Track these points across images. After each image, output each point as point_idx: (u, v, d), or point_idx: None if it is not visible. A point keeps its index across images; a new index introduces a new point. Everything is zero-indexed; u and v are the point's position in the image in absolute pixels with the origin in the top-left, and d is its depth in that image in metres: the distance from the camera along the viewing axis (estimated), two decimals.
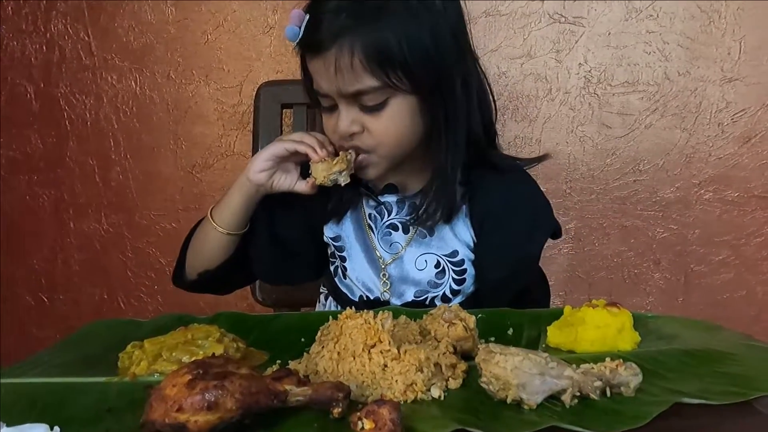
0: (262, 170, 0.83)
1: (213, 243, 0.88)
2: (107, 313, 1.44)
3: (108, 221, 1.44)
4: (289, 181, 0.84)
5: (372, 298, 0.88)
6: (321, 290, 0.98)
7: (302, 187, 0.83)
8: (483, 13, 1.34)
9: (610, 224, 1.40)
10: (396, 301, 0.87)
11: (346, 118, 0.77)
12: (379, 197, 0.87)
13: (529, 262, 0.88)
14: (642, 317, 0.73)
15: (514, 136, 1.38)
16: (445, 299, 0.86)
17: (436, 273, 0.86)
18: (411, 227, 0.86)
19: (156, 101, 1.40)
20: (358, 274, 0.88)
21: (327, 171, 0.79)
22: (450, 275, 0.86)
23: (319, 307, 0.98)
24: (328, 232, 0.90)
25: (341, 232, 0.90)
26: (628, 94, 1.36)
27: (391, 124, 0.77)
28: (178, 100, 1.40)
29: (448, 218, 0.84)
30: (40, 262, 1.46)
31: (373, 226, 0.88)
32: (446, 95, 0.78)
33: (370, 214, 0.88)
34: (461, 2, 0.81)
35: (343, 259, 0.90)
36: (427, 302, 0.86)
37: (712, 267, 1.40)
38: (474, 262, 0.86)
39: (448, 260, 0.86)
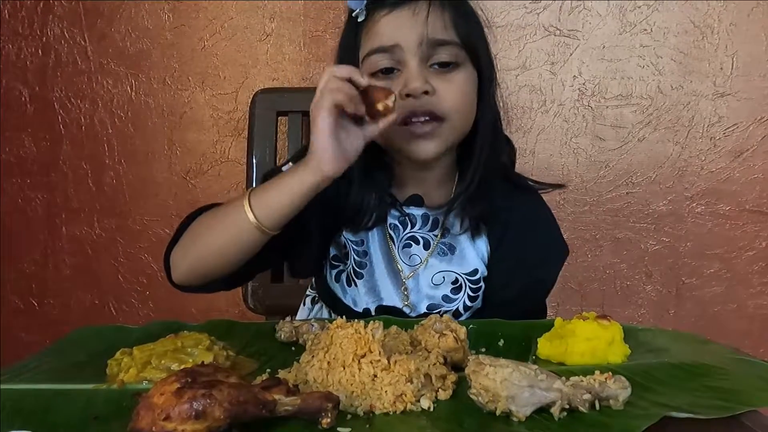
0: (335, 158, 0.69)
1: (246, 244, 0.73)
2: (98, 319, 1.43)
3: (100, 226, 1.44)
4: (359, 141, 0.71)
5: (387, 304, 0.84)
6: (307, 293, 0.95)
7: (376, 129, 0.71)
8: None
9: (602, 236, 1.41)
10: (411, 314, 0.84)
11: (419, 75, 0.75)
12: (405, 208, 0.84)
13: (540, 287, 0.87)
14: (632, 330, 0.73)
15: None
16: (456, 314, 0.84)
17: (452, 289, 0.84)
18: (432, 242, 0.84)
19: (151, 106, 1.40)
20: (376, 283, 0.84)
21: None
22: (466, 292, 0.84)
23: (303, 312, 0.94)
24: (350, 234, 0.85)
25: (366, 237, 0.85)
26: (622, 107, 1.37)
27: (460, 90, 0.77)
28: (174, 105, 1.40)
29: (475, 230, 0.83)
30: (31, 266, 1.45)
31: (394, 237, 0.85)
32: (487, 91, 0.81)
33: (392, 224, 0.85)
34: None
35: (360, 265, 0.85)
36: (441, 315, 0.84)
37: (704, 280, 1.41)
38: (485, 279, 0.85)
39: (467, 278, 0.84)
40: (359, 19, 0.78)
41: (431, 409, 0.56)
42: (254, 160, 1.17)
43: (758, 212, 1.39)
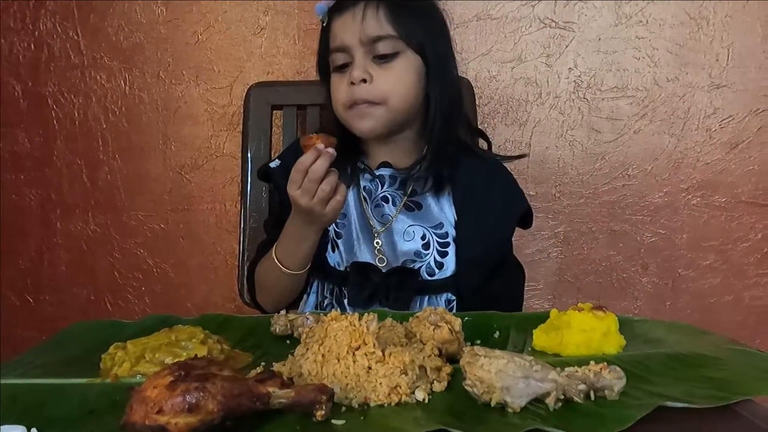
0: (339, 209, 0.85)
1: (294, 283, 0.92)
2: (93, 314, 1.43)
3: (95, 221, 1.43)
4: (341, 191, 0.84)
5: (361, 260, 0.93)
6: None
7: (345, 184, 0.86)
8: (474, 16, 1.35)
9: (598, 228, 1.41)
10: (384, 269, 0.93)
11: (360, 66, 0.89)
12: (375, 171, 0.97)
13: (503, 239, 0.98)
14: (628, 321, 0.73)
15: (504, 140, 1.38)
16: (429, 271, 0.93)
17: (422, 245, 0.94)
18: (399, 200, 0.96)
19: (145, 101, 1.39)
20: (353, 241, 0.95)
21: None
22: (435, 247, 0.94)
23: (300, 306, 0.99)
24: None
25: None
26: (618, 99, 1.36)
27: (398, 77, 0.90)
28: (168, 100, 1.39)
29: (438, 191, 0.95)
30: (26, 262, 1.45)
31: (367, 198, 0.97)
32: (443, 73, 0.93)
33: (365, 187, 0.98)
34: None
35: (339, 226, 0.96)
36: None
37: (700, 272, 1.41)
38: (455, 240, 0.94)
39: (433, 232, 0.94)
40: (323, 24, 0.94)
41: (426, 401, 0.56)
42: (249, 154, 1.17)
43: (754, 204, 1.39)
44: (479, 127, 1.22)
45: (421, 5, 0.94)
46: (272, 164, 0.97)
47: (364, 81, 0.89)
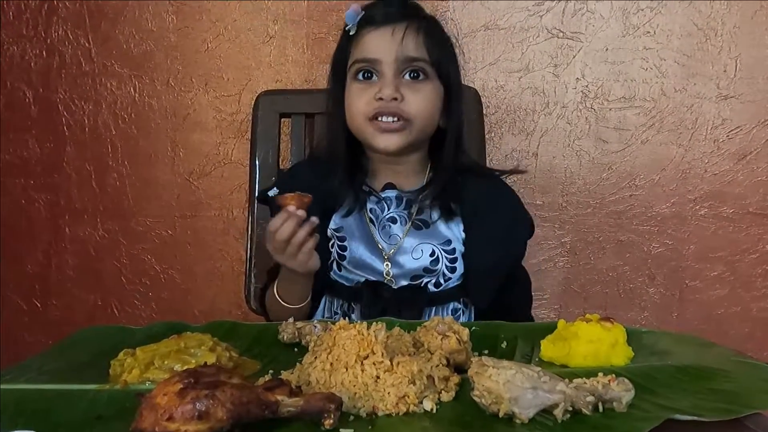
0: (316, 263, 0.89)
1: (298, 312, 0.92)
2: (100, 320, 1.43)
3: (103, 227, 1.44)
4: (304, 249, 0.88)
5: (373, 279, 0.95)
6: None
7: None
8: (482, 26, 1.35)
9: (605, 238, 1.40)
10: (394, 286, 0.94)
11: (391, 84, 0.91)
12: (381, 194, 0.98)
13: (511, 258, 0.99)
14: (636, 332, 0.73)
15: (511, 149, 1.38)
16: (437, 285, 0.95)
17: (431, 261, 0.95)
18: (407, 220, 0.96)
19: (155, 108, 1.40)
20: (358, 260, 0.95)
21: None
22: (444, 262, 0.95)
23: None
24: (331, 224, 0.98)
25: (343, 224, 0.97)
26: (625, 109, 1.36)
27: (425, 99, 0.93)
28: (177, 107, 1.40)
29: (448, 217, 0.96)
30: (34, 267, 1.46)
31: (374, 220, 0.97)
32: (455, 102, 0.96)
33: (371, 209, 0.98)
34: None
35: (342, 248, 0.96)
36: (422, 285, 0.95)
37: (707, 283, 1.41)
38: (464, 255, 0.96)
39: (442, 249, 0.95)
40: (351, 33, 0.94)
41: (434, 411, 0.56)
42: (257, 162, 1.17)
43: (762, 215, 1.38)
44: (486, 136, 1.22)
45: (446, 35, 0.97)
46: (270, 193, 0.97)
47: (395, 99, 0.90)
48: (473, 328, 0.71)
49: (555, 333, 0.70)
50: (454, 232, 0.96)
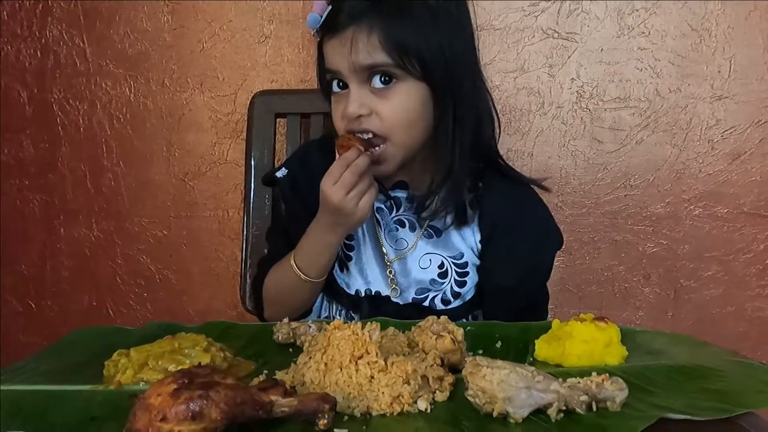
0: (369, 213, 0.81)
1: (310, 293, 0.87)
2: (95, 321, 1.43)
3: (98, 228, 1.43)
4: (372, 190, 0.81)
5: (373, 292, 0.89)
6: None
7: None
8: (477, 27, 1.35)
9: (600, 238, 1.41)
10: (398, 300, 0.88)
11: (356, 100, 0.79)
12: (390, 192, 0.88)
13: (538, 273, 0.89)
14: (630, 332, 0.73)
15: (506, 150, 1.38)
16: (444, 301, 0.88)
17: (439, 273, 0.87)
18: (419, 226, 0.87)
19: (150, 108, 1.40)
20: (363, 266, 0.89)
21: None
22: (453, 277, 0.87)
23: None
24: None
25: None
26: (620, 109, 1.37)
27: (398, 107, 0.79)
28: (172, 107, 1.40)
29: (460, 223, 0.86)
30: (29, 268, 1.45)
31: (380, 220, 0.90)
32: (456, 92, 0.81)
33: (378, 208, 0.89)
34: (471, 14, 0.87)
35: (348, 248, 0.90)
36: (426, 301, 0.88)
37: (702, 282, 1.41)
38: (479, 268, 0.88)
39: (453, 262, 0.87)
40: (317, 39, 0.84)
41: (428, 411, 0.56)
42: (252, 162, 1.17)
43: (756, 215, 1.39)
44: None
45: (425, 16, 0.79)
46: (279, 173, 0.92)
47: (361, 115, 0.80)
48: (468, 327, 0.71)
49: (549, 333, 0.70)
50: (468, 241, 0.87)
